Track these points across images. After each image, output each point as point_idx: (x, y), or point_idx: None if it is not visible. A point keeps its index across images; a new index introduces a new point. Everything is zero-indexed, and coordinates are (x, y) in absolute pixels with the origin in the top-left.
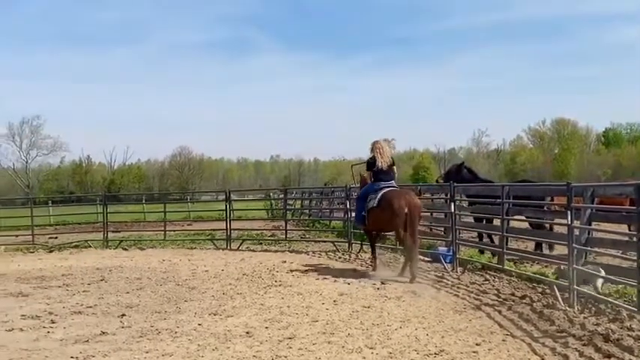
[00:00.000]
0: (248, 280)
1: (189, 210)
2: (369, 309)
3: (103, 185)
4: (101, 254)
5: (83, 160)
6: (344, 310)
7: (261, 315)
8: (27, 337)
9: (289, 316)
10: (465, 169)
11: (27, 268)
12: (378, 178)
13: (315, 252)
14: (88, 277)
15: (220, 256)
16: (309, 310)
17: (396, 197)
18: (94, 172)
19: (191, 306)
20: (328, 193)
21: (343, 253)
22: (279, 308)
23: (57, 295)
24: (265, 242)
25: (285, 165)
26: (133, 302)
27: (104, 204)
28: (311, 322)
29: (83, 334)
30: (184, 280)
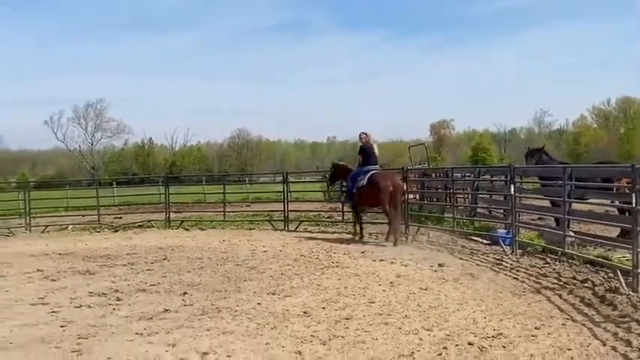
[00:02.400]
0: (305, 260)
1: (248, 191)
2: (426, 291)
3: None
4: (163, 234)
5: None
6: (401, 291)
7: (319, 295)
8: (94, 314)
9: (346, 297)
10: (542, 153)
11: (93, 247)
12: (369, 163)
13: (372, 233)
14: (151, 256)
15: (278, 237)
16: (365, 292)
17: (382, 178)
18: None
19: (250, 285)
20: None
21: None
22: (336, 289)
23: (122, 274)
24: (322, 224)
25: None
26: (195, 281)
27: (166, 185)
28: (368, 303)
29: (147, 312)
30: (243, 260)
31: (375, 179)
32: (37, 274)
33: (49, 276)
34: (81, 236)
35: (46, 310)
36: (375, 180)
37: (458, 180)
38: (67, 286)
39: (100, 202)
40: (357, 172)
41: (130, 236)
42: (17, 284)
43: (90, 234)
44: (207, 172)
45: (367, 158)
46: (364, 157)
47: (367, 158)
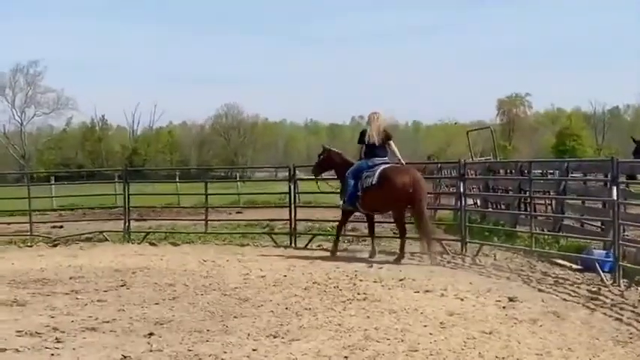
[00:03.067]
0: (320, 290)
1: (239, 192)
2: (490, 336)
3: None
4: (121, 250)
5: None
6: (455, 336)
7: (339, 339)
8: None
9: (378, 343)
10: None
11: (23, 267)
12: (373, 154)
13: (414, 253)
14: (104, 281)
15: (282, 257)
16: (405, 335)
17: (398, 174)
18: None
19: (242, 324)
20: (433, 170)
21: (454, 256)
22: (364, 331)
23: (63, 305)
24: (343, 239)
25: None
26: (165, 317)
27: (125, 182)
28: (408, 351)
29: (99, 359)
30: (233, 289)
31: (389, 176)
32: None
33: None
34: (5, 252)
35: None
36: (388, 177)
37: (537, 179)
38: None
39: (32, 204)
40: (359, 167)
41: (75, 253)
42: None
43: (18, 249)
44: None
45: (370, 147)
46: (366, 146)
47: (370, 147)
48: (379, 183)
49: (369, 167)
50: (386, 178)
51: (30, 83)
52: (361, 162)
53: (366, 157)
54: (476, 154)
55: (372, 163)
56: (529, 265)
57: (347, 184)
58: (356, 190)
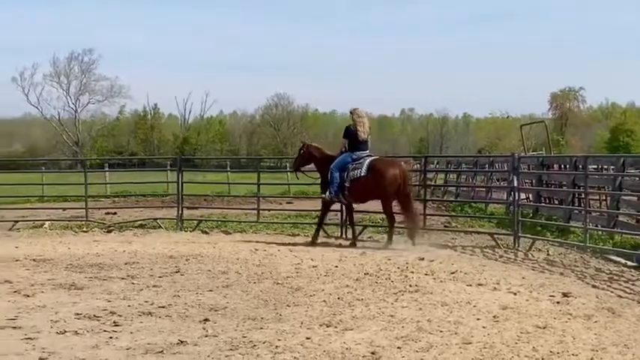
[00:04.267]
0: (372, 281)
1: (289, 182)
2: (544, 330)
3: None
4: (174, 238)
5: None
6: (508, 330)
7: (392, 330)
8: (84, 343)
9: (431, 335)
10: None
11: (80, 252)
12: (357, 148)
13: (466, 247)
14: (158, 267)
15: (332, 248)
16: (458, 328)
17: (387, 166)
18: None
19: (296, 313)
20: (485, 164)
21: (506, 251)
22: (417, 322)
23: (120, 290)
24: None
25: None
26: (219, 304)
27: (179, 170)
28: (462, 344)
29: (156, 343)
30: (285, 278)
31: (379, 167)
32: (5, 287)
33: (21, 290)
34: (62, 237)
35: (19, 336)
36: (378, 168)
37: (592, 174)
38: (47, 305)
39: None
40: (343, 160)
41: (129, 239)
42: None
43: (74, 234)
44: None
45: (355, 142)
46: (351, 141)
47: (355, 142)
48: (368, 174)
49: (354, 160)
50: (376, 169)
51: (84, 71)
52: (344, 155)
53: (349, 150)
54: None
55: (357, 156)
56: (583, 261)
57: (332, 176)
58: (343, 182)
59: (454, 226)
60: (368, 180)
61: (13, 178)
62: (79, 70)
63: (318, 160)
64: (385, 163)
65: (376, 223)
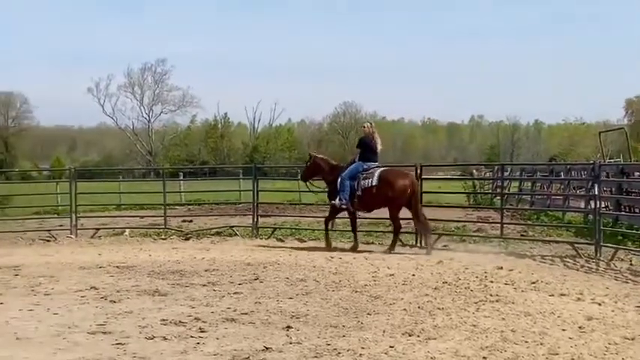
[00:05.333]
0: (451, 290)
1: None
2: (632, 342)
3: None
4: (250, 245)
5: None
6: (595, 341)
7: (475, 340)
8: (172, 349)
9: (516, 345)
10: None
11: (161, 259)
12: (367, 158)
13: (545, 257)
14: (237, 274)
15: (408, 256)
16: (543, 338)
17: (398, 176)
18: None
19: (377, 321)
20: (560, 171)
21: (588, 260)
22: (500, 332)
23: (202, 297)
24: (470, 239)
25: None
26: (300, 311)
27: (254, 179)
28: (548, 354)
29: (242, 349)
30: (363, 286)
31: (389, 178)
32: (92, 294)
33: (107, 296)
34: (142, 244)
35: (110, 342)
36: (388, 179)
37: None
38: (133, 311)
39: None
40: (354, 169)
41: (207, 246)
42: (68, 305)
43: (153, 242)
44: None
45: (368, 153)
46: (364, 152)
47: (368, 153)
48: (379, 184)
49: (364, 170)
50: (387, 180)
51: (157, 82)
52: (356, 164)
53: (361, 160)
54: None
55: (367, 166)
56: None
57: (343, 184)
58: (354, 190)
59: (531, 234)
60: (379, 189)
61: (92, 187)
62: (152, 80)
63: (324, 171)
64: (395, 174)
65: (451, 231)
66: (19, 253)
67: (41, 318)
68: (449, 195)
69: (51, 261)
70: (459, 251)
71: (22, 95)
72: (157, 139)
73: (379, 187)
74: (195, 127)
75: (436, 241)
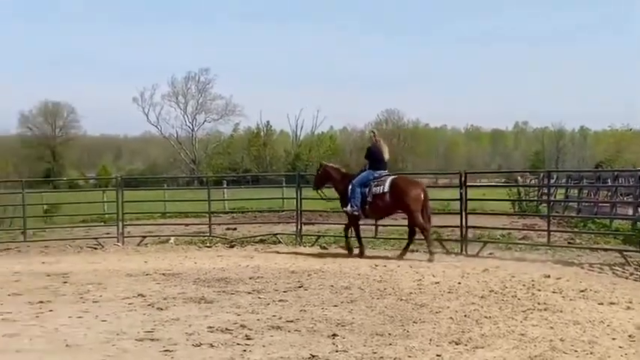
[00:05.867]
0: (497, 299)
1: None
2: None
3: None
4: (294, 253)
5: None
6: None
7: (524, 349)
8: (220, 356)
9: (565, 354)
10: None
11: (206, 266)
12: (378, 167)
13: (593, 265)
14: (282, 282)
15: (453, 264)
16: (593, 347)
17: (410, 184)
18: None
19: (423, 329)
20: (607, 178)
21: (637, 268)
22: (549, 341)
23: (247, 304)
24: (516, 247)
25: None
26: (345, 319)
27: (298, 187)
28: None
29: (288, 357)
30: (408, 294)
31: (401, 185)
32: (139, 301)
33: (154, 303)
34: (187, 252)
35: (158, 349)
36: (400, 186)
37: None
38: (180, 318)
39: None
40: (365, 176)
41: (251, 254)
42: (116, 312)
43: (198, 249)
44: None
45: (376, 161)
46: (372, 160)
47: (376, 161)
48: (392, 191)
49: (375, 178)
50: (399, 188)
51: (201, 91)
52: (367, 172)
53: (370, 168)
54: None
55: (378, 174)
56: None
57: (354, 191)
58: (365, 197)
59: (578, 242)
60: (391, 196)
61: (138, 195)
62: (195, 89)
63: (335, 179)
64: (408, 182)
65: (496, 239)
66: (68, 260)
67: (90, 325)
68: (493, 202)
69: (99, 268)
70: (505, 259)
71: (69, 105)
72: (200, 148)
73: (392, 194)
74: (237, 135)
75: (481, 249)
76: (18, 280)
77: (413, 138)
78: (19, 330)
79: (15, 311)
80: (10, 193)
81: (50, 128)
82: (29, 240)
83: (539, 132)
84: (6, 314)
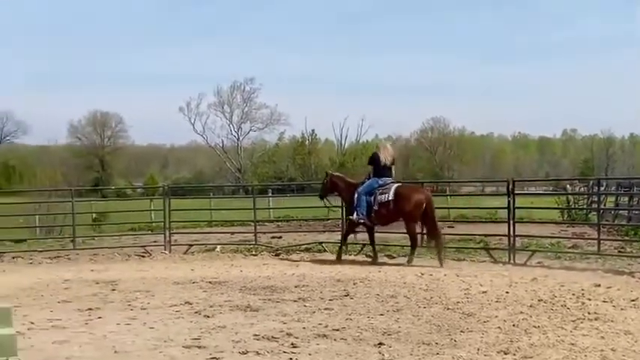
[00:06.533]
0: (546, 308)
1: (449, 206)
2: None
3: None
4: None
5: (306, 136)
6: None
7: (574, 359)
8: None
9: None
10: None
11: (251, 275)
12: (382, 174)
13: None
14: (327, 290)
15: (501, 273)
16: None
17: (413, 192)
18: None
19: (470, 339)
20: None
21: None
22: (600, 351)
23: (293, 312)
24: (565, 256)
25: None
26: (391, 328)
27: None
28: None
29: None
30: (455, 303)
31: (405, 193)
32: (186, 308)
33: (200, 311)
34: (233, 260)
35: (205, 356)
36: (405, 194)
37: None
38: (226, 325)
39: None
40: (370, 185)
41: (296, 262)
42: (163, 319)
43: (244, 257)
44: None
45: (380, 169)
46: (376, 168)
47: (380, 169)
48: (396, 199)
49: (380, 185)
50: (403, 195)
51: (246, 100)
52: (371, 180)
53: (375, 176)
54: None
55: (383, 182)
56: None
57: (360, 199)
58: (371, 205)
59: (629, 251)
60: (395, 204)
61: (184, 204)
62: (241, 99)
63: (340, 188)
64: (411, 189)
65: (545, 248)
66: (116, 268)
67: (138, 332)
68: (541, 210)
69: (146, 276)
70: (554, 268)
71: (117, 115)
72: (245, 157)
73: (396, 201)
74: (283, 144)
75: (530, 258)
76: (68, 288)
77: (459, 146)
78: (68, 337)
79: (65, 318)
80: (60, 201)
81: (99, 138)
82: (78, 248)
83: (588, 139)
84: (56, 321)
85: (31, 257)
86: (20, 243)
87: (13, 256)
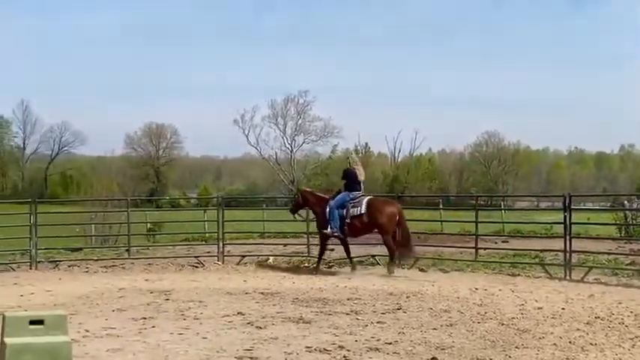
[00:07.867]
0: (604, 325)
1: (503, 221)
2: None
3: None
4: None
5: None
6: None
7: None
8: None
9: None
10: None
11: (304, 286)
12: (354, 188)
13: None
14: (380, 303)
15: (556, 289)
16: None
17: (384, 204)
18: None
19: (525, 355)
20: None
21: None
22: None
23: (345, 325)
24: (623, 273)
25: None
26: (445, 342)
27: None
28: None
29: None
30: (510, 319)
31: (376, 205)
32: (239, 319)
33: (253, 322)
34: (285, 271)
35: None
36: (376, 206)
37: None
38: (278, 337)
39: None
40: (342, 198)
41: (348, 275)
42: (215, 330)
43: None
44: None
45: (352, 183)
46: (349, 182)
47: (352, 183)
48: (368, 211)
49: (351, 199)
50: (375, 208)
51: (300, 112)
52: (343, 194)
53: (347, 190)
54: None
55: (353, 196)
56: None
57: (332, 214)
58: (343, 218)
59: None
60: (368, 216)
61: (237, 215)
62: (294, 111)
63: (311, 203)
64: (383, 202)
65: (602, 264)
66: (170, 278)
67: (191, 342)
68: (599, 226)
69: (199, 286)
70: (612, 285)
71: (172, 127)
72: (298, 169)
73: (368, 214)
74: (336, 156)
75: (586, 274)
76: (122, 297)
77: (514, 160)
78: (122, 345)
79: (119, 327)
80: (115, 211)
81: (154, 149)
82: (133, 257)
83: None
84: (110, 329)
85: (86, 266)
86: (76, 252)
87: (69, 264)
